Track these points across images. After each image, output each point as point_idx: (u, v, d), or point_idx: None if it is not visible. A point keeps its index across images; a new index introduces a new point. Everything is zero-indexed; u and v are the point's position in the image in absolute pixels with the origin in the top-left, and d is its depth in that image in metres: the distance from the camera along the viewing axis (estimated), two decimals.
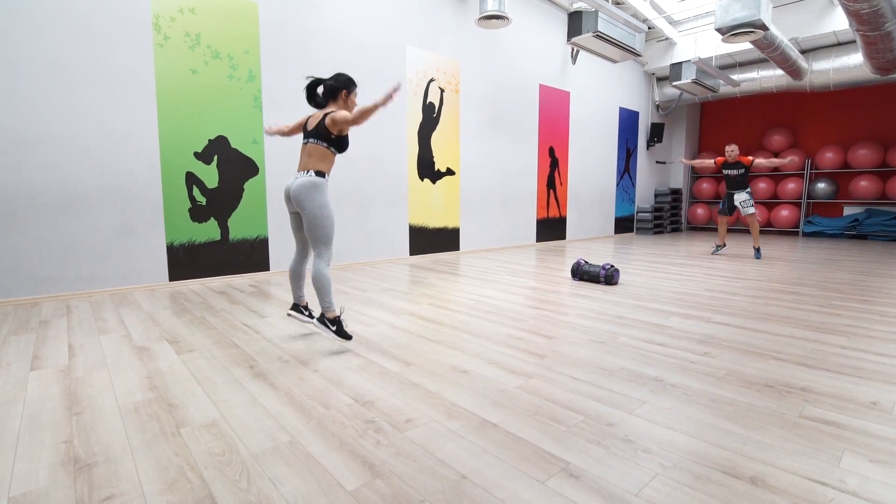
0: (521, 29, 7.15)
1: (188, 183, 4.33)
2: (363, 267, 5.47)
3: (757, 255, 6.25)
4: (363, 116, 2.32)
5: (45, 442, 1.58)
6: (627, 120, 9.60)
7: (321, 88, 2.57)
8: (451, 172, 6.49)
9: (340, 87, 2.54)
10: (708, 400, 1.89)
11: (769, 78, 8.54)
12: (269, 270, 4.91)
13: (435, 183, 6.32)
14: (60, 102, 3.69)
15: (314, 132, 2.47)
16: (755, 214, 6.28)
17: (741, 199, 6.30)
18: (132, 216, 4.08)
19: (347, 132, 2.53)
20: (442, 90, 6.25)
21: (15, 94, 3.51)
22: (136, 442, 1.58)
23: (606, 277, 4.34)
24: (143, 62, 4.03)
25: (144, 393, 1.98)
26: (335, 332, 2.49)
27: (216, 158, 4.46)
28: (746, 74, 8.79)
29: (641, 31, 6.14)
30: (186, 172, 4.31)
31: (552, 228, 8.26)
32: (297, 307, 2.70)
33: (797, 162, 5.55)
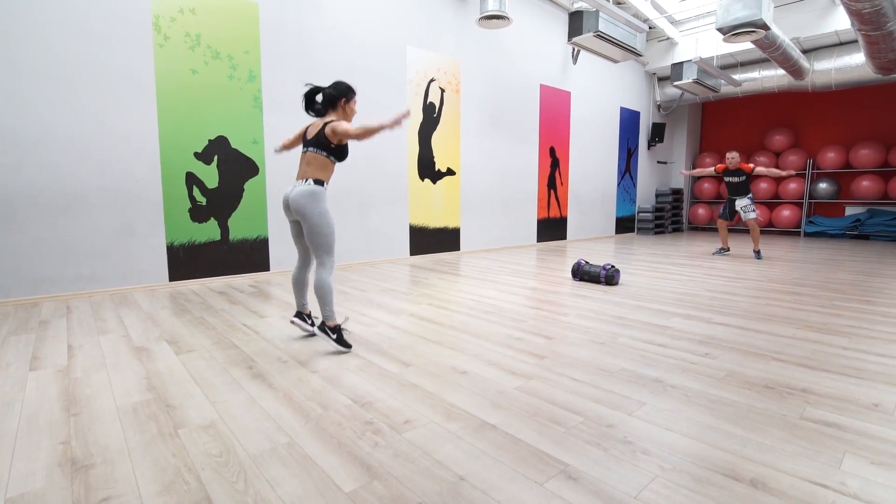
0: (521, 29, 7.14)
1: (188, 183, 4.33)
2: (363, 267, 5.47)
3: (757, 256, 6.23)
4: (366, 134, 2.32)
5: (42, 443, 1.58)
6: (628, 120, 9.58)
7: (320, 97, 2.55)
8: (451, 172, 6.49)
9: (339, 95, 2.52)
10: (708, 401, 1.88)
11: (771, 78, 8.51)
12: (269, 270, 4.91)
13: (435, 183, 6.32)
14: (60, 102, 3.69)
15: (314, 141, 2.46)
16: (756, 219, 6.26)
17: (742, 204, 6.28)
18: (132, 216, 4.08)
19: (347, 142, 2.51)
20: (442, 90, 6.25)
21: (15, 94, 3.52)
22: (133, 443, 1.57)
23: (607, 278, 4.33)
24: (143, 62, 4.03)
25: (143, 394, 1.97)
26: (335, 340, 2.48)
27: (216, 158, 4.46)
28: (748, 74, 8.77)
29: (642, 30, 6.13)
30: (186, 172, 4.31)
31: (553, 228, 8.25)
32: (300, 315, 2.71)
33: (794, 175, 5.64)
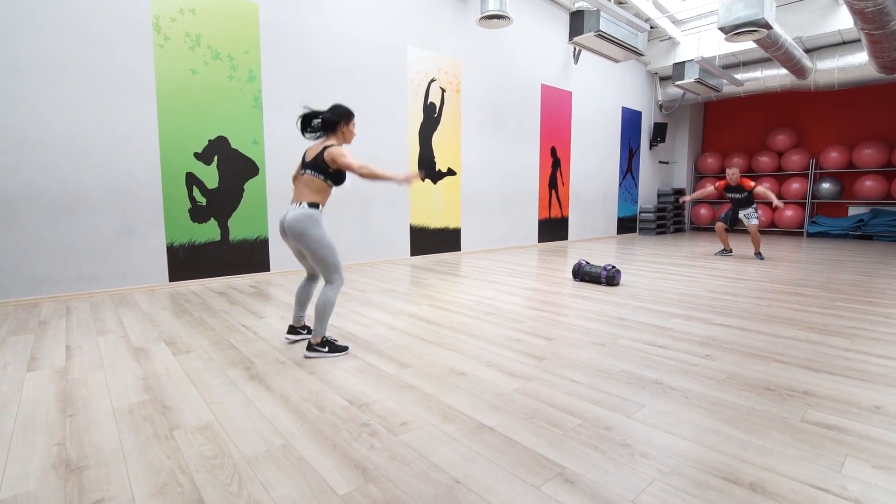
0: (522, 29, 7.12)
1: (188, 183, 4.33)
2: (363, 267, 5.46)
3: (759, 256, 6.20)
4: (370, 176, 2.31)
5: (37, 444, 1.57)
6: (630, 120, 9.55)
7: (317, 121, 2.50)
8: (452, 172, 6.47)
9: (338, 119, 2.48)
10: (708, 403, 1.87)
11: (773, 77, 8.48)
12: (269, 271, 4.90)
13: (436, 183, 6.30)
14: (60, 102, 3.69)
15: (312, 164, 2.42)
16: (757, 225, 6.22)
17: (746, 212, 6.28)
18: (132, 216, 4.08)
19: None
20: (443, 90, 6.23)
21: (15, 94, 3.52)
22: (128, 444, 1.57)
23: (608, 278, 4.31)
24: (143, 62, 4.02)
25: (139, 395, 1.97)
26: (329, 351, 2.44)
27: (216, 159, 4.46)
28: (750, 74, 8.73)
29: (644, 30, 6.10)
30: (186, 173, 4.31)
31: (554, 229, 8.22)
32: (293, 329, 2.68)
33: (782, 207, 5.75)
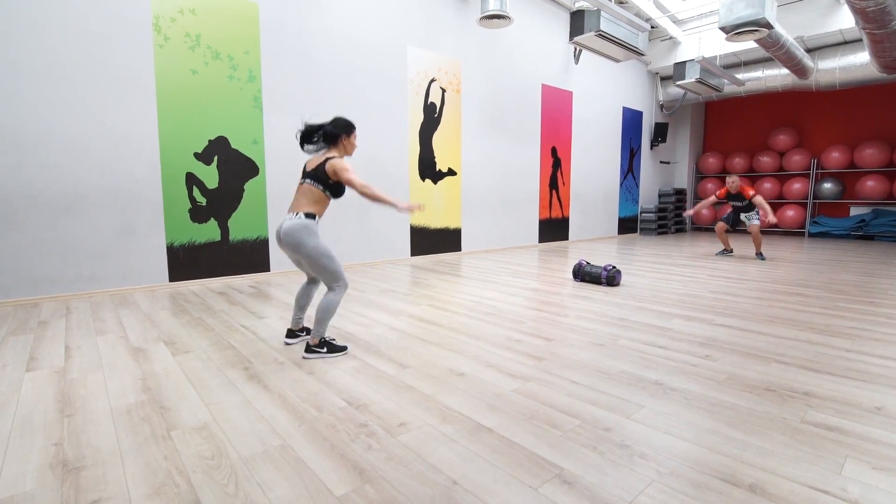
0: (522, 28, 7.11)
1: (188, 183, 4.33)
2: (363, 267, 5.45)
3: (760, 257, 6.18)
4: (371, 197, 2.37)
5: (35, 444, 1.57)
6: (631, 120, 9.54)
7: (317, 135, 2.50)
8: (452, 173, 6.47)
9: (340, 132, 2.48)
10: (708, 404, 1.86)
11: (774, 77, 8.46)
12: (269, 271, 4.90)
13: (436, 183, 6.30)
14: (60, 102, 3.70)
15: (312, 174, 2.42)
16: (758, 225, 6.22)
17: (747, 214, 6.31)
18: (132, 216, 4.08)
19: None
20: (443, 90, 6.23)
21: (15, 94, 3.52)
22: (125, 445, 1.56)
23: (608, 279, 4.30)
24: (143, 62, 4.02)
25: (137, 395, 1.96)
26: (328, 352, 2.43)
27: (216, 159, 4.46)
28: (751, 73, 8.71)
29: (644, 30, 6.09)
30: (186, 173, 4.31)
31: (555, 229, 8.21)
32: (291, 333, 2.67)
33: (774, 222, 5.87)
